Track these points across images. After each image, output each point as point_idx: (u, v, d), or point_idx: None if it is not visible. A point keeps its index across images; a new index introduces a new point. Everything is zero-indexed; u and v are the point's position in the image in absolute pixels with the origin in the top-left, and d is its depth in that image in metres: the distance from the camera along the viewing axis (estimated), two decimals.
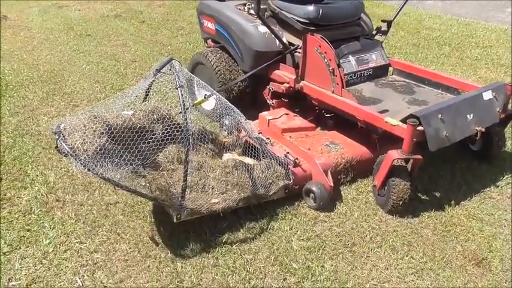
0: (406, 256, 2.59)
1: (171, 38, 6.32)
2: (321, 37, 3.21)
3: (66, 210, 2.87)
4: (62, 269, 2.44)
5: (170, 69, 2.47)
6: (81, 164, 2.12)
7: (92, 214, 2.84)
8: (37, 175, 3.20)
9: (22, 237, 2.65)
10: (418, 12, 7.62)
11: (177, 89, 2.34)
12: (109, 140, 2.27)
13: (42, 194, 3.00)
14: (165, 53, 5.69)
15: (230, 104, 2.99)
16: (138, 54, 5.61)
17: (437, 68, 5.29)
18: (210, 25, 3.95)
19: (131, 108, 2.73)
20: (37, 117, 4.01)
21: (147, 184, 2.43)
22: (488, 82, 4.91)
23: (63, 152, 2.17)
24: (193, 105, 3.12)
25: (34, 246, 2.59)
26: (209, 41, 4.30)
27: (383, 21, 3.89)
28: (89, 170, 2.12)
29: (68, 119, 2.35)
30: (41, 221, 2.77)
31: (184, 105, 2.31)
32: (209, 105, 3.86)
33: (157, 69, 2.52)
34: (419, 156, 2.73)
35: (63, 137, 2.21)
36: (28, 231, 2.70)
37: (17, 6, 7.58)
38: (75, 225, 2.75)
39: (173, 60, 2.48)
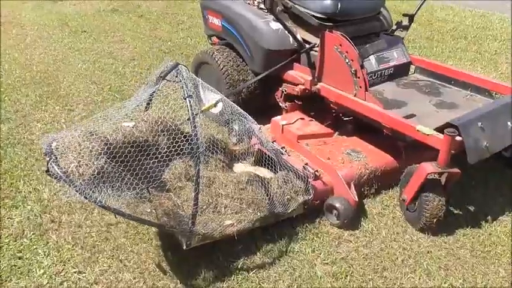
0: (445, 283, 2.31)
1: (171, 33, 5.99)
2: (342, 34, 2.90)
3: (62, 233, 2.58)
4: None
5: (176, 76, 2.16)
6: (77, 190, 1.82)
7: (91, 237, 2.55)
8: (30, 191, 2.91)
9: (13, 267, 2.36)
10: (429, 3, 7.26)
11: (185, 99, 2.04)
12: (108, 160, 1.96)
13: (35, 214, 2.71)
14: (165, 49, 5.37)
15: (241, 110, 2.69)
16: (137, 52, 5.29)
17: (455, 64, 4.99)
18: (215, 21, 3.63)
19: (131, 119, 2.42)
20: (30, 124, 3.70)
21: (153, 211, 2.14)
22: None
23: (56, 177, 1.87)
24: (201, 112, 2.81)
25: (26, 277, 2.30)
26: (214, 38, 3.99)
27: (404, 15, 3.58)
28: (85, 197, 1.83)
29: (60, 136, 2.04)
30: (34, 247, 2.48)
31: (194, 118, 2.01)
32: (216, 108, 3.55)
33: (161, 77, 2.21)
34: (457, 170, 2.44)
35: (55, 158, 1.91)
36: (20, 259, 2.41)
37: (11, 2, 7.21)
38: (72, 251, 2.46)
39: (179, 66, 2.17)
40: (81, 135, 2.01)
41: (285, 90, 3.34)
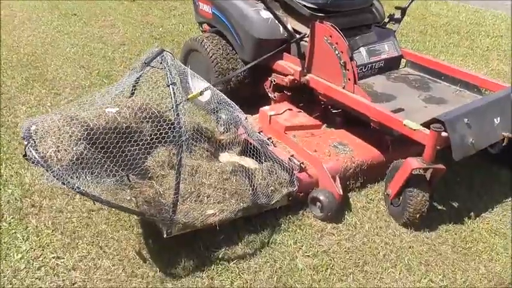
0: (424, 278, 2.31)
1: (163, 19, 5.90)
2: (332, 25, 2.86)
3: (42, 217, 2.55)
4: None
5: (161, 63, 2.11)
6: (54, 176, 1.79)
7: (72, 223, 2.52)
8: (11, 175, 2.86)
9: None
10: None
11: (168, 86, 2.00)
12: (88, 146, 1.92)
13: (16, 198, 2.67)
14: (156, 35, 5.30)
15: (228, 99, 2.66)
16: (127, 37, 5.21)
17: (447, 59, 4.98)
18: (206, 8, 3.57)
19: (116, 105, 2.38)
20: (14, 107, 3.64)
21: (132, 198, 2.10)
22: (501, 75, 4.63)
23: (33, 161, 1.83)
24: (187, 100, 2.76)
25: (4, 261, 2.27)
26: (205, 25, 3.93)
27: (397, 8, 3.54)
28: (63, 183, 1.79)
29: (40, 120, 2.00)
30: (13, 231, 2.45)
31: (177, 106, 1.97)
32: (204, 96, 3.50)
33: (145, 62, 2.17)
34: (441, 166, 2.44)
35: (34, 142, 1.87)
36: None
37: None
38: (51, 236, 2.42)
39: (164, 52, 2.13)
40: (61, 119, 1.96)
41: (274, 81, 3.31)
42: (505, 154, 3.03)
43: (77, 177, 1.85)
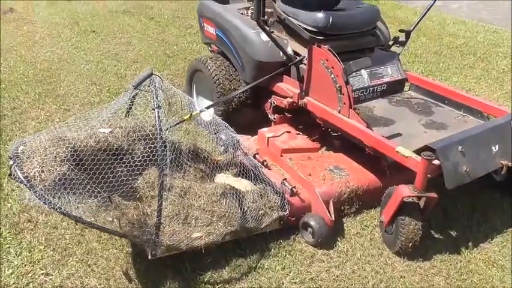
0: None
1: (179, 36, 6.03)
2: (329, 49, 2.86)
3: (36, 233, 2.60)
4: None
5: (149, 86, 2.15)
6: (36, 196, 1.83)
7: (64, 239, 2.57)
8: (12, 189, 2.94)
9: None
10: (442, 16, 7.16)
11: (153, 109, 2.04)
12: (72, 167, 1.97)
13: (14, 213, 2.74)
14: (169, 53, 5.41)
15: (222, 121, 2.69)
16: (141, 54, 5.33)
17: (459, 81, 4.88)
18: (210, 29, 3.63)
19: (109, 126, 2.43)
20: (24, 122, 3.76)
21: (114, 220, 2.13)
22: None
23: (18, 181, 1.88)
24: (190, 117, 2.79)
25: None
26: (213, 45, 3.99)
27: (401, 31, 3.52)
28: (44, 203, 1.83)
29: (29, 140, 2.06)
30: (8, 246, 2.51)
31: (160, 129, 2.00)
32: (208, 116, 3.54)
33: (134, 86, 2.21)
34: (433, 195, 2.38)
35: (20, 162, 1.92)
36: None
37: None
38: (43, 252, 2.47)
39: (153, 76, 2.17)
40: (48, 140, 2.01)
41: (274, 103, 3.31)
42: (510, 182, 2.93)
43: (58, 197, 1.89)
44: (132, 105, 2.51)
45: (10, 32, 5.83)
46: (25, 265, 2.40)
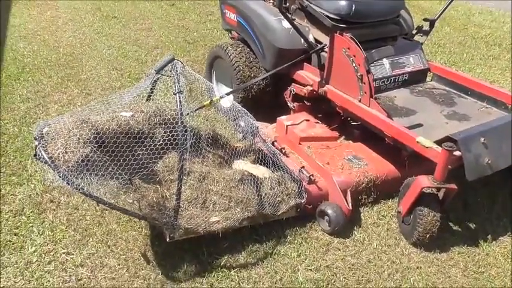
0: None
1: (199, 23, 6.03)
2: (351, 37, 2.83)
3: (58, 213, 2.67)
4: (42, 284, 2.24)
5: (171, 71, 2.17)
6: (60, 176, 1.88)
7: (85, 220, 2.63)
8: (36, 170, 3.01)
9: (8, 242, 2.46)
10: (468, 6, 6.99)
11: (175, 94, 2.06)
12: (95, 149, 2.01)
13: (37, 193, 2.81)
14: (190, 40, 5.42)
15: (242, 108, 2.70)
16: (162, 40, 5.36)
17: (483, 72, 4.78)
18: (231, 16, 3.62)
19: (131, 109, 2.46)
20: (47, 105, 3.83)
21: (135, 202, 2.17)
22: None
23: (42, 161, 1.93)
24: (210, 103, 2.80)
25: (18, 253, 2.39)
26: (233, 32, 3.98)
27: (425, 20, 3.45)
28: (67, 183, 1.88)
29: (53, 122, 2.11)
30: (31, 225, 2.58)
31: (181, 114, 2.02)
32: (227, 102, 3.55)
33: (156, 70, 2.23)
34: (453, 186, 2.35)
35: (45, 143, 1.97)
36: (15, 235, 2.51)
37: None
38: (64, 232, 2.54)
39: (175, 61, 2.18)
40: (72, 122, 2.05)
41: (293, 90, 3.30)
42: None
43: (81, 178, 1.93)
44: (154, 89, 2.54)
45: (34, 16, 5.91)
46: (47, 244, 2.46)
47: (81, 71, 4.49)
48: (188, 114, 2.31)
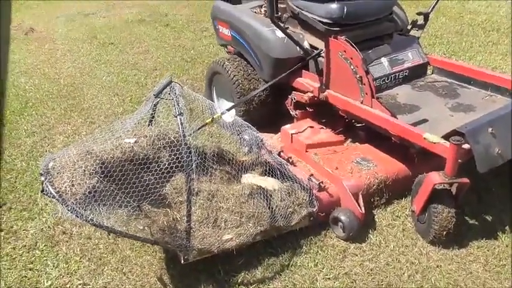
0: None
1: (195, 40, 6.07)
2: (346, 40, 2.82)
3: (72, 245, 2.67)
4: None
5: (169, 93, 2.17)
6: (69, 209, 1.88)
7: (99, 249, 2.62)
8: (46, 204, 3.02)
9: (23, 278, 2.46)
10: None
11: (175, 117, 2.05)
12: (101, 179, 2.01)
13: (48, 226, 2.82)
14: (187, 58, 5.44)
15: (244, 122, 2.70)
16: (160, 62, 5.39)
17: (484, 59, 4.75)
18: (225, 31, 3.64)
19: (134, 135, 2.46)
20: (53, 137, 3.86)
21: (145, 228, 2.16)
22: None
23: (50, 196, 1.93)
24: (212, 121, 2.80)
25: None
26: (229, 47, 3.99)
27: (419, 13, 3.43)
28: (77, 216, 1.88)
29: (58, 156, 2.11)
30: (45, 258, 2.58)
31: (184, 136, 2.01)
32: (230, 117, 3.55)
33: (155, 95, 2.23)
34: (466, 180, 2.31)
35: (51, 177, 1.97)
36: (30, 270, 2.51)
37: (45, 17, 7.55)
38: (79, 263, 2.53)
39: (173, 83, 2.18)
40: (76, 154, 2.06)
41: (294, 98, 3.29)
42: None
43: (90, 209, 1.93)
44: (155, 113, 2.54)
45: (33, 51, 5.99)
46: (63, 276, 2.46)
47: (83, 100, 4.52)
48: (191, 134, 2.30)
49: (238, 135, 3.22)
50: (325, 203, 2.61)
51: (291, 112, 3.38)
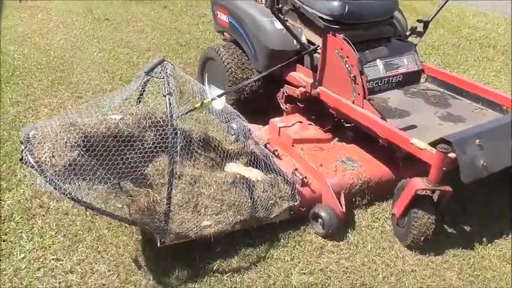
0: None
1: (192, 25, 5.99)
2: (344, 38, 2.80)
3: (48, 219, 2.62)
4: None
5: (160, 72, 2.13)
6: (47, 181, 1.83)
7: (75, 226, 2.58)
8: (25, 175, 2.96)
9: None
10: (461, 8, 7.00)
11: (164, 96, 2.02)
12: (82, 152, 1.96)
13: (26, 199, 2.76)
14: (182, 42, 5.38)
15: (234, 110, 2.67)
16: (154, 43, 5.32)
17: (477, 74, 4.78)
18: (223, 17, 3.59)
19: (120, 112, 2.41)
20: (37, 109, 3.78)
21: (124, 206, 2.13)
22: None
23: (28, 165, 1.88)
24: (201, 105, 2.77)
25: (7, 260, 2.34)
26: (226, 34, 3.95)
27: (419, 21, 3.43)
28: (55, 188, 1.83)
29: (40, 125, 2.06)
30: (20, 231, 2.53)
31: (171, 116, 1.98)
32: (219, 104, 3.52)
33: (145, 72, 2.19)
34: (448, 188, 2.33)
35: (31, 147, 1.92)
36: (4, 241, 2.45)
37: None
38: (54, 238, 2.49)
39: (165, 62, 2.14)
40: (59, 125, 2.01)
41: (286, 92, 3.27)
42: None
43: (69, 183, 1.89)
44: (144, 92, 2.50)
45: (25, 19, 5.84)
46: (36, 250, 2.41)
47: (71, 74, 4.43)
48: (179, 116, 2.27)
49: (227, 123, 3.20)
50: (307, 198, 2.60)
51: (282, 105, 3.36)
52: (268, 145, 2.88)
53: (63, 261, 2.35)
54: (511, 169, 2.61)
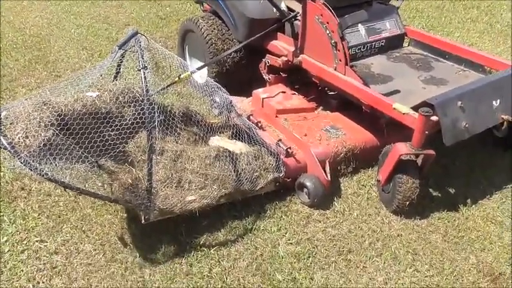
0: (410, 268, 2.23)
1: None
2: (323, 3, 2.73)
3: (30, 201, 2.58)
4: (16, 273, 2.17)
5: (134, 46, 2.06)
6: (21, 162, 1.78)
7: (58, 207, 2.55)
8: (5, 158, 2.84)
9: None
10: None
11: (139, 70, 1.96)
12: (57, 131, 1.91)
13: (6, 181, 2.71)
14: (162, 15, 5.24)
15: (215, 83, 2.61)
16: (133, 17, 5.18)
17: (461, 35, 4.74)
18: None
19: (98, 89, 2.35)
20: (14, 89, 3.69)
21: (104, 185, 2.09)
22: None
23: (1, 147, 1.83)
24: (179, 79, 2.70)
25: None
26: (205, 5, 3.83)
27: None
28: (30, 169, 1.79)
29: (12, 105, 2.00)
30: (1, 214, 2.50)
31: (147, 90, 1.93)
32: (202, 78, 3.44)
33: (119, 46, 2.12)
34: (431, 152, 2.32)
35: (4, 128, 1.86)
36: None
37: None
38: (37, 220, 2.46)
39: (138, 35, 2.07)
40: (31, 104, 1.95)
41: (268, 62, 3.21)
42: (510, 137, 2.86)
43: (45, 163, 1.84)
44: (120, 67, 2.42)
45: None
46: (19, 232, 2.38)
47: (49, 52, 4.31)
48: (157, 92, 2.21)
49: (210, 96, 3.14)
50: (291, 168, 2.59)
51: (264, 76, 3.30)
52: (251, 117, 2.85)
53: (47, 242, 2.33)
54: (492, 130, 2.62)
